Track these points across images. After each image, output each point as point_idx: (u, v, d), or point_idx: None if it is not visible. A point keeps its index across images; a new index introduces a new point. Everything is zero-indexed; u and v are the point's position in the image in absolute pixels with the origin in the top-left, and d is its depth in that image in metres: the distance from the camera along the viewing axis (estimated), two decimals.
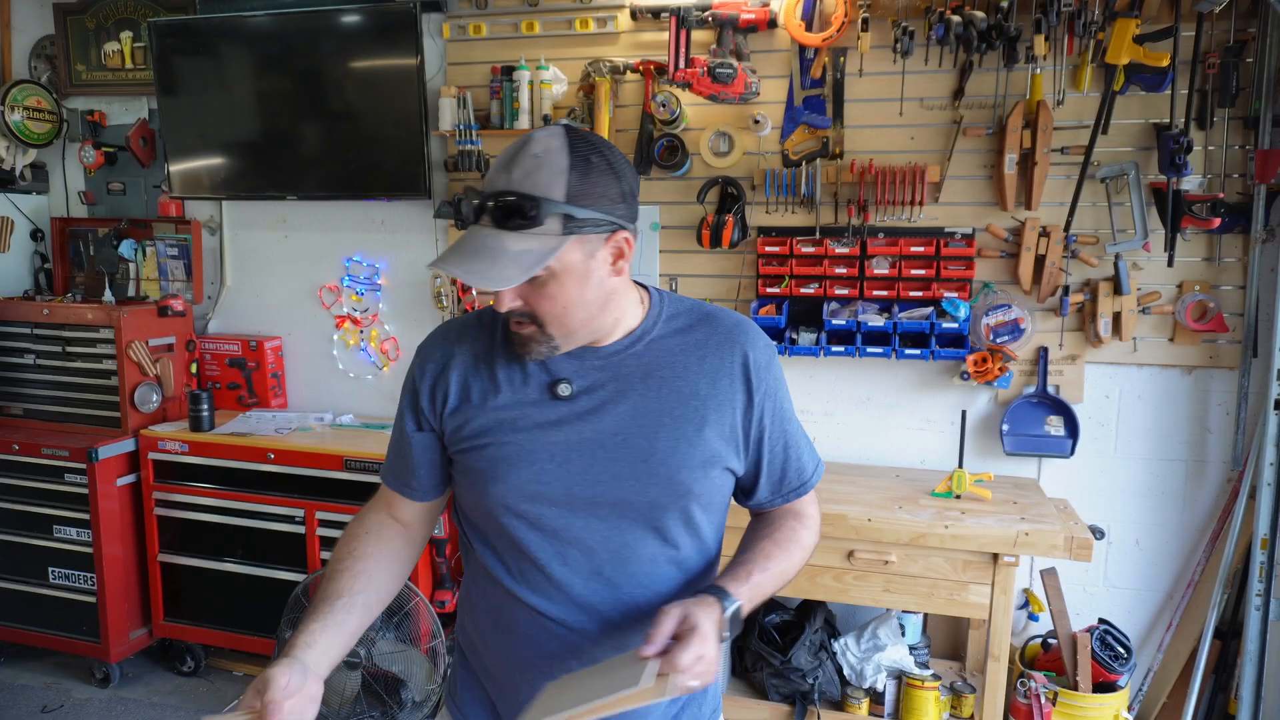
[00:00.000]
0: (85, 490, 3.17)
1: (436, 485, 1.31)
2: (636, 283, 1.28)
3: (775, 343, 2.84)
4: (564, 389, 1.20)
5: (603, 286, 1.16)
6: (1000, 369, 2.73)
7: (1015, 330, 2.73)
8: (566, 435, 1.19)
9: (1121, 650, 2.58)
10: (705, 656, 1.04)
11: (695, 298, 1.37)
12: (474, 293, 3.21)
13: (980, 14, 2.50)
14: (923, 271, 2.78)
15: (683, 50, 2.74)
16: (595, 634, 1.19)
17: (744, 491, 1.32)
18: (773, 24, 2.78)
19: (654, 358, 1.22)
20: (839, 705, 2.68)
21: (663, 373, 1.21)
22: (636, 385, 1.21)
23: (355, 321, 3.52)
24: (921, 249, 2.77)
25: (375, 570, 1.26)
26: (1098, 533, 2.82)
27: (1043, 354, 2.80)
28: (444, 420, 1.25)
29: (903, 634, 2.73)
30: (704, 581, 1.25)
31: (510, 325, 1.18)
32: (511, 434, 1.20)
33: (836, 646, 2.71)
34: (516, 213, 1.08)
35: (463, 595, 1.37)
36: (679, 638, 1.06)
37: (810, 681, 2.64)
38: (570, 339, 1.17)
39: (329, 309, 3.54)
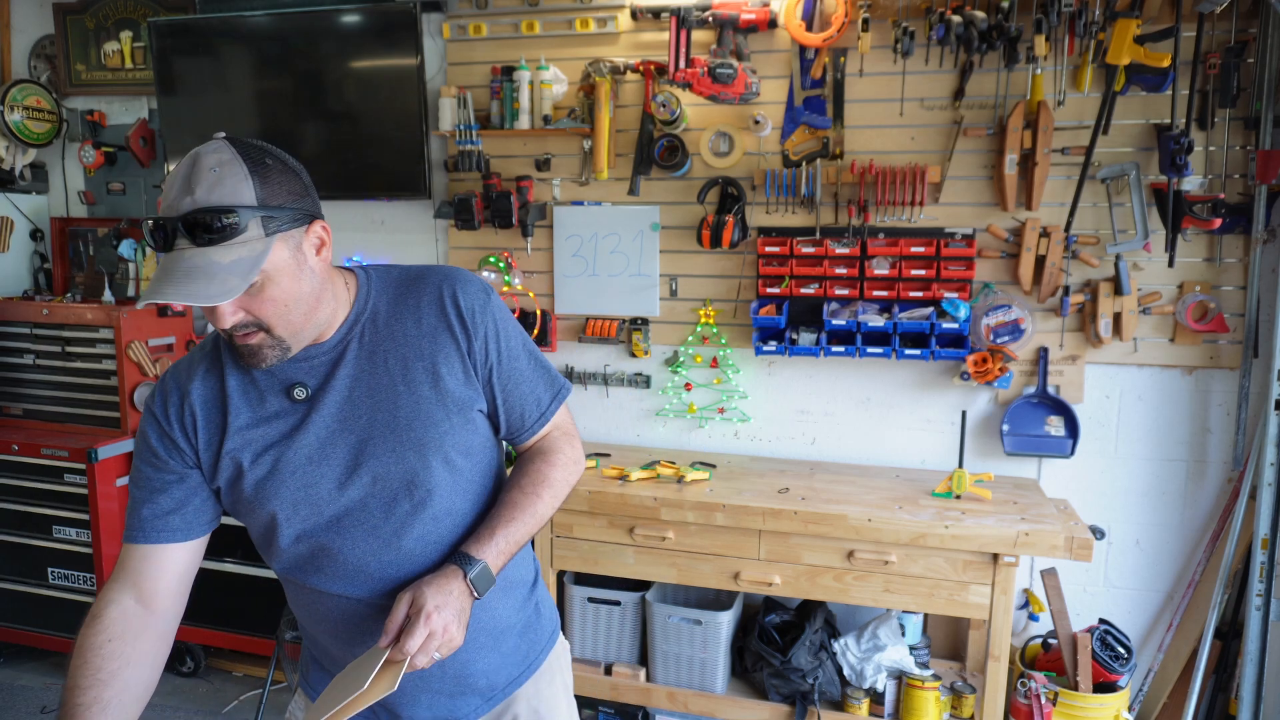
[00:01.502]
0: (85, 491, 3.17)
1: (208, 520, 1.31)
2: (344, 269, 1.32)
3: (777, 343, 2.87)
4: (299, 392, 1.25)
5: (315, 278, 1.20)
6: (1000, 369, 2.73)
7: (1015, 330, 2.73)
8: (316, 434, 1.24)
9: (1122, 650, 2.58)
10: (434, 633, 1.13)
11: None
12: None
13: (981, 14, 2.50)
14: (923, 272, 2.78)
15: (683, 50, 2.74)
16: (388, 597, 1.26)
17: (496, 430, 1.38)
18: (773, 24, 2.78)
19: (374, 334, 1.27)
20: (839, 705, 2.68)
21: (385, 345, 1.27)
22: (365, 366, 1.26)
23: None
24: (922, 249, 2.77)
25: (122, 700, 1.21)
26: (1098, 533, 2.82)
27: (1043, 354, 2.80)
28: (201, 455, 1.26)
29: (903, 634, 2.73)
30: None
31: (235, 340, 1.18)
32: (265, 452, 1.24)
33: (836, 646, 2.71)
34: (216, 226, 1.08)
35: (287, 598, 1.42)
36: (407, 621, 1.14)
37: (810, 681, 2.64)
38: (298, 338, 1.20)
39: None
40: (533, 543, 1.45)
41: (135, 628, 1.23)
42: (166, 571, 1.26)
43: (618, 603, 2.82)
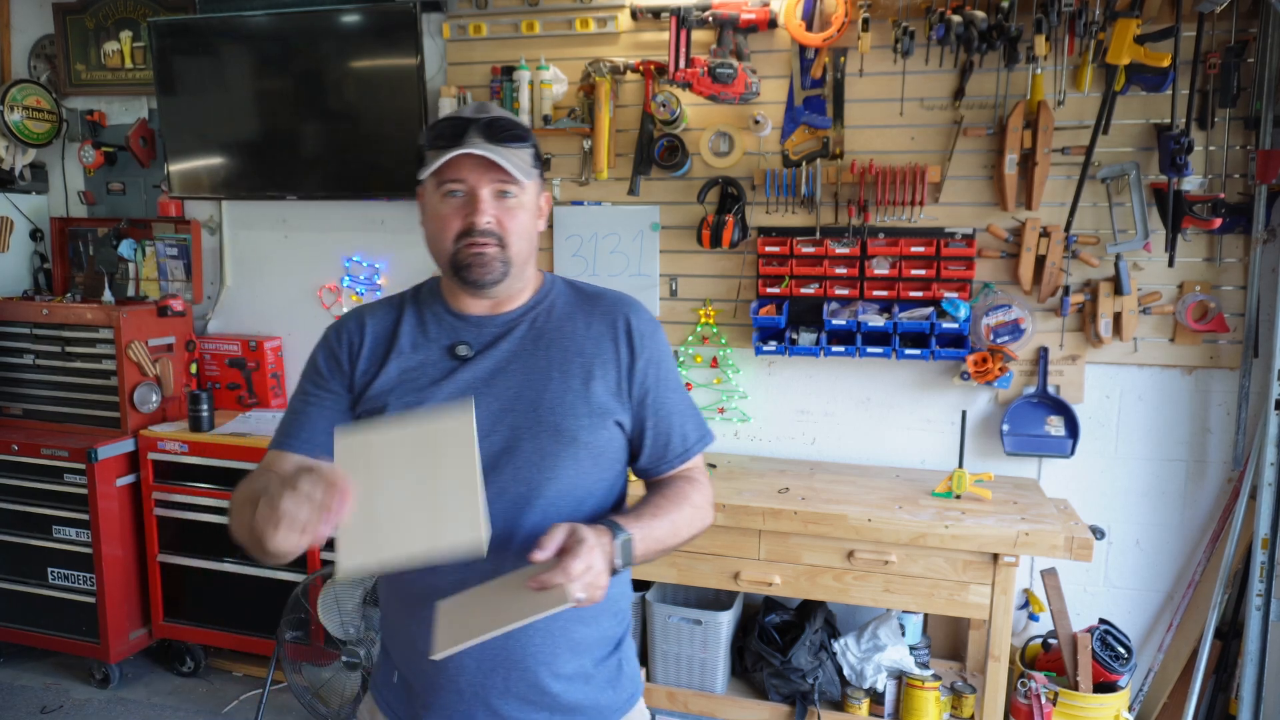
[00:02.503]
0: (85, 490, 3.17)
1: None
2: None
3: (777, 343, 2.87)
4: (463, 349, 1.32)
5: (536, 231, 1.34)
6: (1000, 369, 2.73)
7: (1015, 330, 2.73)
8: (460, 390, 1.29)
9: (1122, 650, 2.58)
10: (594, 567, 1.11)
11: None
12: None
13: (981, 14, 2.50)
14: (923, 272, 2.78)
15: (683, 50, 2.74)
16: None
17: (633, 456, 1.40)
18: (773, 24, 2.78)
19: (544, 323, 1.36)
20: (839, 705, 2.68)
21: (551, 335, 1.34)
22: (528, 346, 1.33)
23: None
24: (922, 249, 2.77)
25: None
26: (1098, 533, 2.82)
27: (1043, 354, 2.80)
28: (356, 379, 1.34)
29: (903, 634, 2.73)
30: None
31: (470, 249, 1.26)
32: (412, 392, 1.30)
33: (836, 646, 2.71)
34: (514, 129, 1.27)
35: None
36: (567, 550, 1.11)
37: (810, 681, 2.64)
38: (517, 270, 1.30)
39: (329, 309, 3.54)
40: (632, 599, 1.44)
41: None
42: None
43: None
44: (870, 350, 2.80)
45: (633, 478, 1.44)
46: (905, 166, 2.76)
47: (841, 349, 2.82)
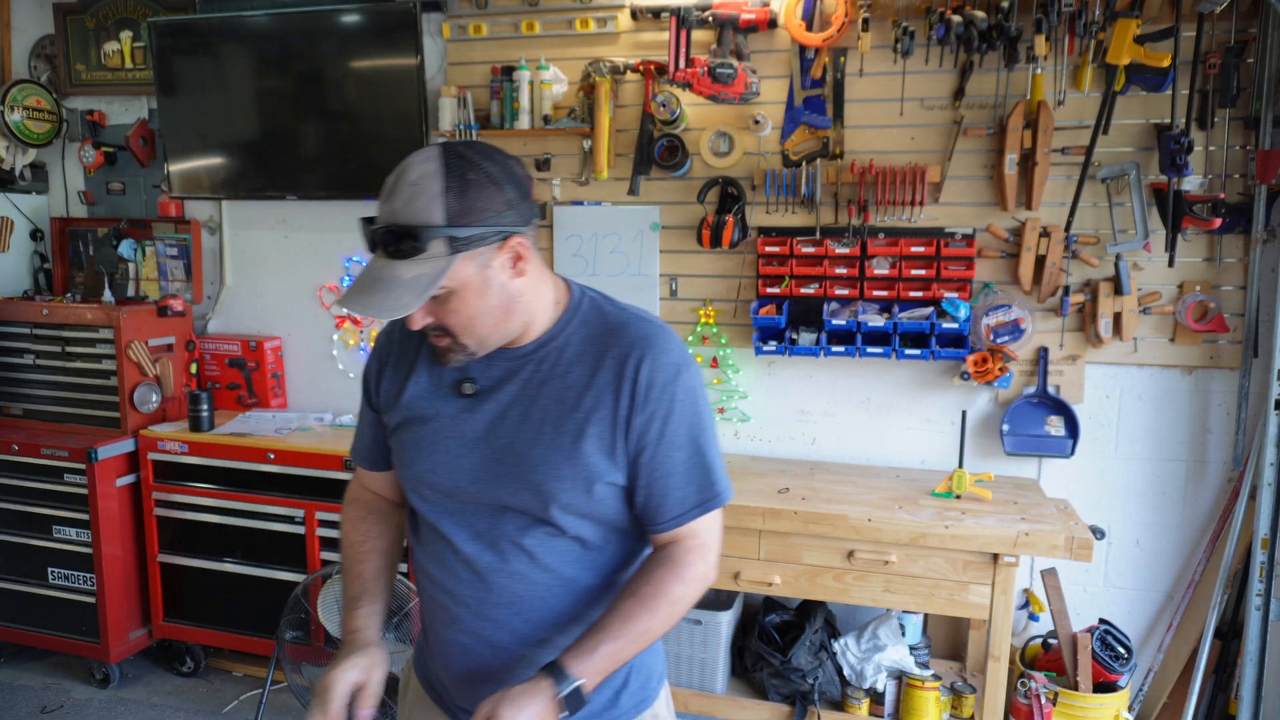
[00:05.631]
0: (85, 490, 3.17)
1: (387, 459, 1.41)
2: (565, 280, 1.32)
3: (777, 342, 2.86)
4: (467, 387, 1.27)
5: (505, 292, 1.19)
6: (1000, 369, 2.73)
7: (1015, 330, 2.73)
8: (462, 431, 1.27)
9: (1122, 650, 2.58)
10: None
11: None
12: None
13: (981, 14, 2.50)
14: (923, 272, 2.78)
15: (683, 50, 2.74)
16: (476, 614, 1.29)
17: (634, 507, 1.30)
18: (773, 24, 2.78)
19: (553, 365, 1.25)
20: (839, 705, 2.68)
21: (555, 381, 1.24)
22: (530, 390, 1.25)
23: (355, 322, 3.52)
24: (922, 249, 2.77)
25: (387, 543, 1.44)
26: (1098, 533, 2.82)
27: (1043, 354, 2.80)
28: (381, 402, 1.36)
29: (903, 634, 2.73)
30: (602, 597, 1.28)
31: (432, 339, 1.24)
32: (420, 424, 1.29)
33: (836, 646, 2.71)
34: (401, 242, 1.11)
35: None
36: None
37: (810, 681, 2.64)
38: (484, 345, 1.22)
39: (329, 309, 3.54)
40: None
41: (380, 508, 1.47)
42: (383, 483, 1.46)
43: None
44: (870, 350, 2.80)
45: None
46: (905, 166, 2.76)
47: (841, 349, 2.82)
